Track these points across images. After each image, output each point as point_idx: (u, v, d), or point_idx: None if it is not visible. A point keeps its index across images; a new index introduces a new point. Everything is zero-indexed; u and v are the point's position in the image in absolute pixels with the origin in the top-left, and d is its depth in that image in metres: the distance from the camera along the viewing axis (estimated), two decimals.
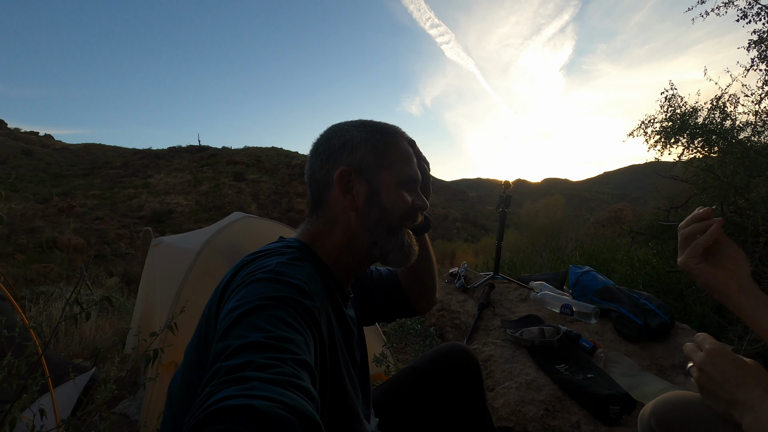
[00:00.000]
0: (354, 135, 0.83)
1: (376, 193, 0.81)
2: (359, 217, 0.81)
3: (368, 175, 0.81)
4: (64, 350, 3.64)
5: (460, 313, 2.16)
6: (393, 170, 0.82)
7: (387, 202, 0.81)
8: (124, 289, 8.44)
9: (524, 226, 11.60)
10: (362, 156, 0.81)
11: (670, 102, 3.51)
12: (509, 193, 2.31)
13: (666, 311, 1.86)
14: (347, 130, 0.84)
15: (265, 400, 0.41)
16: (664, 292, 3.11)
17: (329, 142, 0.84)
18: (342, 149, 0.82)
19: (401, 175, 0.82)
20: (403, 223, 0.83)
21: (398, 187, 0.82)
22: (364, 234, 0.81)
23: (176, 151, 47.40)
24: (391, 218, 0.81)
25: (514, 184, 2.35)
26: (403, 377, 1.13)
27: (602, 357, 1.67)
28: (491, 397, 1.56)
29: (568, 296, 2.15)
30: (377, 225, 0.81)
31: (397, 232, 0.82)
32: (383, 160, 0.82)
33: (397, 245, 0.82)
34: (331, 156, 0.82)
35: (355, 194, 0.81)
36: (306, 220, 0.88)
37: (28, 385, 0.80)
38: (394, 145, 0.84)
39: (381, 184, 0.81)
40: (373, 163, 0.81)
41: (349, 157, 0.81)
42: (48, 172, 36.78)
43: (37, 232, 21.11)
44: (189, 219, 26.83)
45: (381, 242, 0.81)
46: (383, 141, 0.83)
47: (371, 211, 0.80)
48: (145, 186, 34.39)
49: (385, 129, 0.86)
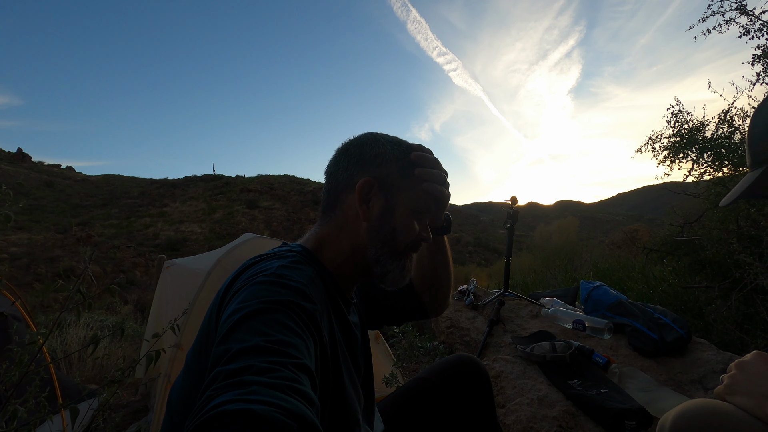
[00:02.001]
0: (388, 150, 0.84)
1: (391, 212, 0.82)
2: (369, 229, 0.81)
3: (389, 192, 0.82)
4: (77, 375, 3.67)
5: (469, 330, 2.13)
6: (412, 195, 0.83)
7: (399, 224, 0.82)
8: (138, 317, 8.50)
9: (538, 248, 11.45)
10: (389, 172, 0.83)
11: (677, 117, 3.51)
12: (516, 209, 2.31)
13: (682, 325, 1.81)
14: (382, 144, 0.85)
15: (264, 405, 0.41)
16: (683, 310, 3.02)
17: (362, 148, 0.85)
18: (373, 160, 0.83)
19: (418, 202, 0.83)
20: (407, 249, 0.84)
21: (411, 212, 0.83)
22: (369, 247, 0.82)
23: (191, 180, 48.47)
24: (398, 241, 0.82)
25: (526, 207, 2.35)
26: (410, 387, 1.11)
27: (617, 372, 1.62)
28: (502, 413, 1.52)
29: (580, 312, 2.10)
30: (384, 244, 0.82)
31: (401, 256, 0.83)
32: (407, 182, 0.83)
33: (398, 268, 0.83)
34: (359, 162, 0.83)
35: (371, 207, 0.81)
36: (317, 223, 0.89)
37: (29, 372, 0.81)
38: (418, 172, 0.85)
39: (397, 205, 0.82)
40: (397, 183, 0.83)
41: (378, 169, 0.82)
42: (68, 203, 37.84)
43: (55, 261, 21.54)
44: (203, 246, 27.11)
45: (383, 261, 0.82)
46: (410, 165, 0.85)
47: (382, 228, 0.81)
48: (161, 215, 35.05)
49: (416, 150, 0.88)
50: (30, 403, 0.89)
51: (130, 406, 3.03)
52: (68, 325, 4.75)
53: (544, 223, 15.27)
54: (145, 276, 21.86)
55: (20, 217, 30.23)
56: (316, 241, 0.85)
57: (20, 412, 0.67)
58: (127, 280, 21.36)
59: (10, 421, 0.65)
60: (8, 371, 0.75)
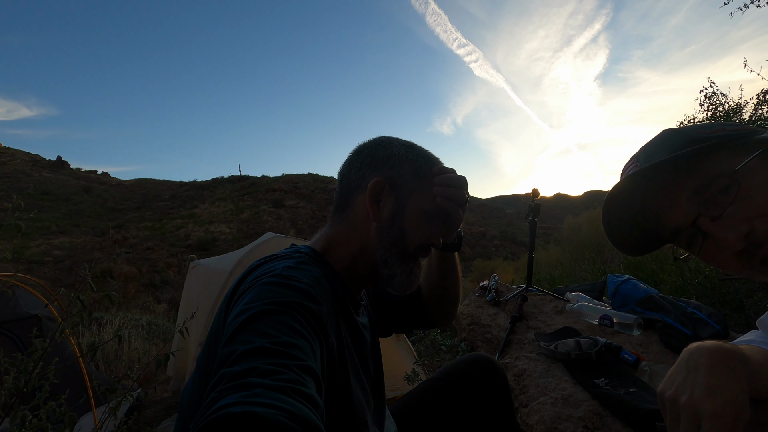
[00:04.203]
0: (401, 153, 0.85)
1: (401, 214, 0.81)
2: (378, 230, 0.81)
3: (400, 193, 0.82)
4: (113, 372, 3.83)
5: (491, 327, 2.09)
6: (423, 198, 0.83)
7: (408, 225, 0.81)
8: (172, 315, 8.82)
9: (566, 241, 11.14)
10: (401, 174, 0.83)
11: (710, 100, 3.31)
12: (538, 202, 2.24)
13: (718, 320, 1.71)
14: (395, 146, 0.86)
15: (267, 408, 0.40)
16: (721, 303, 2.87)
17: (375, 150, 0.86)
18: (385, 161, 0.84)
19: (430, 206, 0.83)
20: (416, 252, 0.83)
21: (422, 215, 0.82)
22: (378, 248, 0.81)
23: (219, 182, 49.85)
24: (407, 243, 0.81)
25: (553, 199, 2.28)
26: (424, 388, 1.09)
27: (647, 370, 1.54)
28: (525, 413, 1.48)
29: (608, 307, 2.02)
30: (393, 245, 0.81)
31: (409, 259, 0.82)
32: (418, 185, 0.83)
33: (405, 271, 0.82)
34: (372, 163, 0.84)
35: (381, 207, 0.81)
36: (327, 224, 0.89)
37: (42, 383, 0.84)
38: (432, 176, 0.85)
39: (408, 206, 0.81)
40: (409, 185, 0.82)
41: (390, 170, 0.83)
42: (105, 207, 39.63)
43: (95, 263, 22.61)
44: (232, 246, 27.86)
45: (391, 263, 0.81)
46: (425, 168, 0.85)
47: (392, 229, 0.81)
48: (191, 216, 36.22)
49: (430, 159, 0.87)
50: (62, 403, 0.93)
51: (162, 402, 3.14)
52: (105, 323, 4.98)
53: (573, 214, 14.84)
54: (178, 276, 22.65)
55: (62, 221, 31.90)
56: (326, 241, 0.85)
57: (28, 417, 0.69)
58: (161, 280, 22.21)
59: (22, 424, 0.67)
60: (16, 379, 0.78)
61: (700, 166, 0.67)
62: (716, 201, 0.65)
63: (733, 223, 0.64)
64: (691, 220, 0.68)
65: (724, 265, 0.69)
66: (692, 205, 0.68)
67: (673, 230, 0.72)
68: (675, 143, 0.70)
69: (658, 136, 0.76)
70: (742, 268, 0.67)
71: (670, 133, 0.74)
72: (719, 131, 0.68)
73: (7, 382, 0.75)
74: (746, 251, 0.64)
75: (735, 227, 0.63)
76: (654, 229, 0.76)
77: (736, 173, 0.63)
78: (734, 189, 0.63)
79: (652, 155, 0.72)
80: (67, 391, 0.95)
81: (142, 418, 2.69)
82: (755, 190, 0.63)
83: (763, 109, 3.06)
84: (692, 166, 0.68)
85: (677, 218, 0.70)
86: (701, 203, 0.67)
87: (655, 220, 0.74)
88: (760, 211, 0.62)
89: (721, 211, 0.64)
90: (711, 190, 0.65)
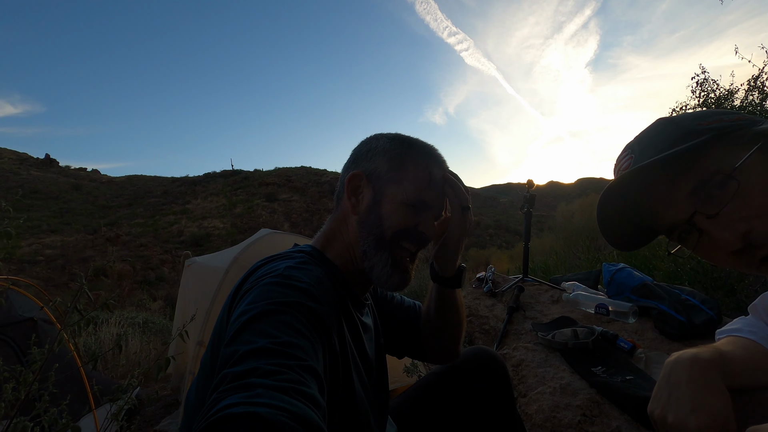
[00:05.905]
0: (380, 144, 0.85)
1: (378, 203, 0.80)
2: (359, 221, 0.81)
3: (376, 183, 0.81)
4: (111, 372, 3.82)
5: (488, 318, 2.10)
6: (400, 186, 0.80)
7: (384, 213, 0.79)
8: (168, 312, 8.78)
9: (559, 228, 11.21)
10: (377, 164, 0.82)
11: (702, 86, 3.33)
12: (533, 192, 2.25)
13: (711, 306, 1.73)
14: (379, 139, 0.86)
15: (269, 408, 0.41)
16: (713, 287, 2.91)
17: (361, 146, 0.87)
18: (365, 155, 0.85)
19: (406, 193, 0.80)
20: (396, 240, 0.80)
21: (399, 202, 0.80)
22: (360, 241, 0.81)
23: (211, 177, 49.47)
24: (384, 230, 0.79)
25: (546, 187, 2.29)
26: (424, 383, 1.09)
27: (643, 357, 1.57)
28: (524, 403, 1.50)
29: (603, 295, 2.04)
30: (369, 233, 0.80)
31: (385, 247, 0.79)
32: (395, 174, 0.81)
33: (381, 261, 0.79)
34: (355, 160, 0.86)
35: (360, 199, 0.82)
36: (325, 222, 0.90)
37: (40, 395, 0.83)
38: (412, 163, 0.82)
39: (384, 195, 0.80)
40: (384, 174, 0.81)
41: (368, 163, 0.83)
42: (96, 205, 39.20)
43: (88, 261, 22.45)
44: (226, 241, 27.77)
45: (370, 254, 0.80)
46: (401, 155, 0.83)
47: (369, 218, 0.80)
48: (184, 212, 35.96)
49: (412, 145, 0.85)
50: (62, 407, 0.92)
51: (162, 400, 3.14)
52: (101, 322, 4.95)
53: (566, 202, 14.91)
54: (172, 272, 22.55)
55: (53, 220, 31.52)
56: (324, 239, 0.86)
57: (29, 428, 0.69)
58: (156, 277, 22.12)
59: None
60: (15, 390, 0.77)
61: (697, 162, 0.64)
62: (713, 199, 0.62)
63: (730, 222, 0.61)
64: (688, 217, 0.66)
65: (719, 261, 0.68)
66: (689, 203, 0.65)
67: (669, 227, 0.70)
68: (670, 135, 0.67)
69: (653, 125, 0.73)
70: (738, 265, 0.65)
71: (664, 122, 0.71)
72: (716, 122, 0.65)
73: (6, 392, 0.75)
74: (744, 251, 0.62)
75: (732, 226, 0.61)
76: (649, 225, 0.75)
77: (735, 171, 0.61)
78: (732, 186, 0.61)
79: (647, 147, 0.69)
80: (68, 397, 0.94)
81: (142, 417, 2.69)
82: (754, 187, 0.60)
83: (754, 94, 3.09)
84: (689, 162, 0.65)
85: (674, 215, 0.68)
86: (698, 200, 0.64)
87: (651, 217, 0.73)
88: (759, 210, 0.60)
89: (719, 209, 0.62)
90: (708, 187, 0.63)
